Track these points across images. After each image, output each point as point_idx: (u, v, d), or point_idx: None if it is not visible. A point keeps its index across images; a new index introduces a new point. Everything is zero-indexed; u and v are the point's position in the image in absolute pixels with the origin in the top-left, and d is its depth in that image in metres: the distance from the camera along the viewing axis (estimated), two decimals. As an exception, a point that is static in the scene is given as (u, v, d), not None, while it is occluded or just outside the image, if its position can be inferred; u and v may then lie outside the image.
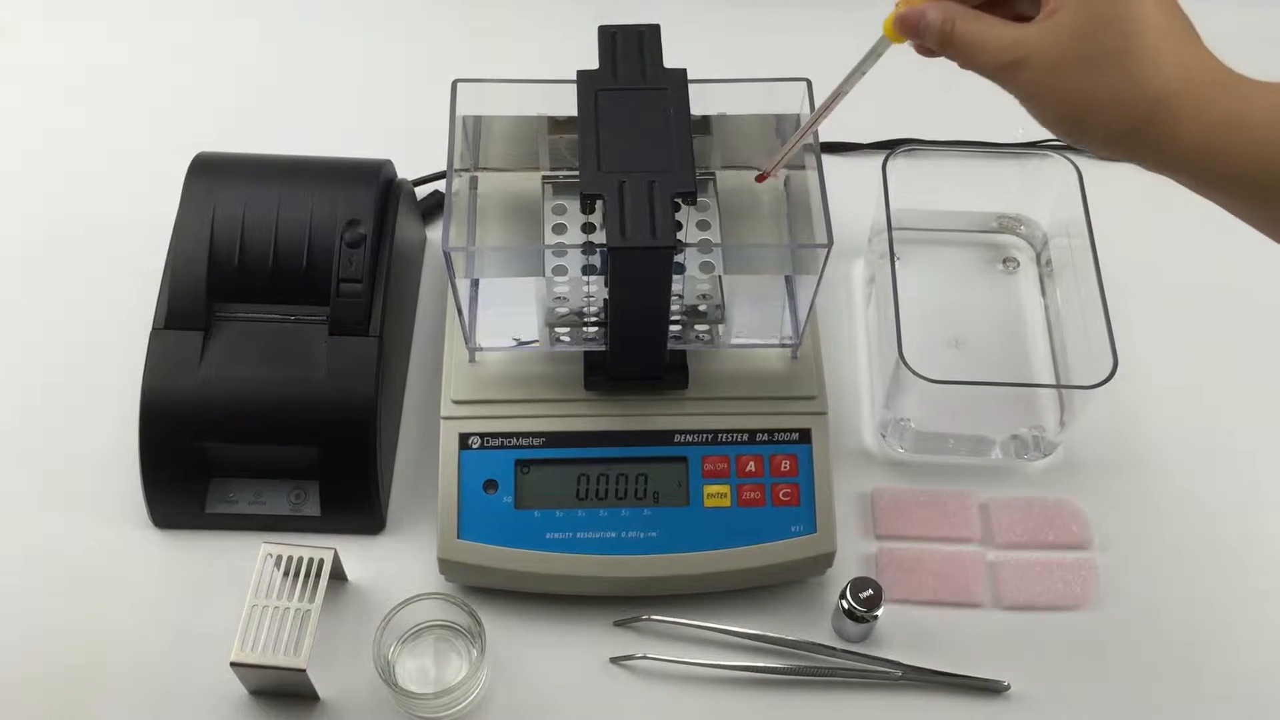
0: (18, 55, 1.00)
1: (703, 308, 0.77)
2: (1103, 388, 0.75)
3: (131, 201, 0.90)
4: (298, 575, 0.71)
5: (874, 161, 0.85)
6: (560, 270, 0.74)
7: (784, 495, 0.75)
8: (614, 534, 0.74)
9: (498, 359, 0.77)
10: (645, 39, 0.71)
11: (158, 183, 0.83)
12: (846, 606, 0.73)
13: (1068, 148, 0.94)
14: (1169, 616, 0.77)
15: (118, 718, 0.72)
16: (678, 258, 0.68)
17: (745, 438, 0.76)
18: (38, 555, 0.77)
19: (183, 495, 0.77)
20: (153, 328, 0.77)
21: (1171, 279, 0.90)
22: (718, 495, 0.75)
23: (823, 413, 0.77)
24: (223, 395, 0.75)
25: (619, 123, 0.68)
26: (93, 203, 0.92)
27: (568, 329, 0.77)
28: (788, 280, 0.78)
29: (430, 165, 0.91)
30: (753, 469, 0.75)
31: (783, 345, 0.78)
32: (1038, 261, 0.89)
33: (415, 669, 0.74)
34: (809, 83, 0.74)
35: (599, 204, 0.66)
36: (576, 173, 0.68)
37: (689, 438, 0.76)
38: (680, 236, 0.73)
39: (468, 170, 0.79)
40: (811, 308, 0.75)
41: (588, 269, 0.72)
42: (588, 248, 0.73)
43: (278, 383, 0.76)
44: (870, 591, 0.72)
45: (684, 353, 0.77)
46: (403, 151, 0.85)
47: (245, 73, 0.99)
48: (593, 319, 0.76)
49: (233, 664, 0.69)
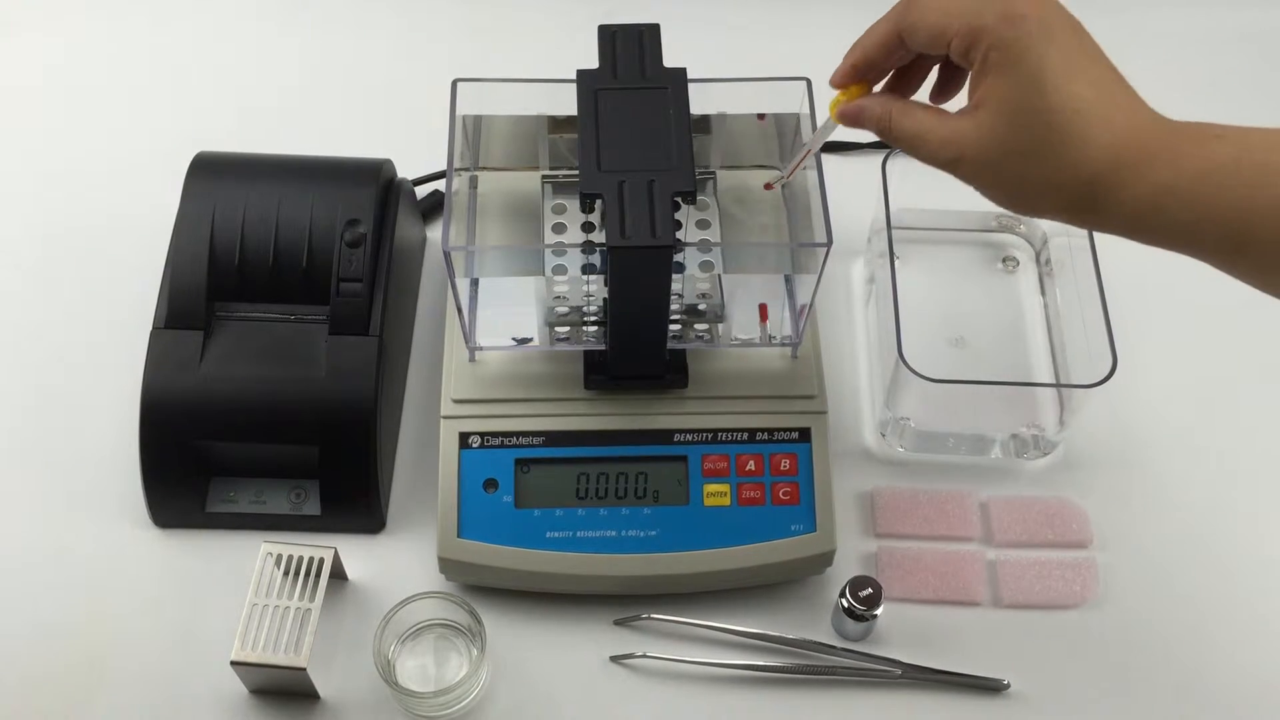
0: (18, 54, 1.00)
1: (702, 307, 0.77)
2: (1102, 387, 0.75)
3: (132, 201, 0.90)
4: (298, 574, 0.71)
5: (874, 161, 0.85)
6: (560, 269, 0.74)
7: (784, 494, 0.75)
8: (614, 533, 0.74)
9: (498, 358, 0.77)
10: (645, 38, 0.71)
11: (158, 182, 0.83)
12: (846, 605, 0.73)
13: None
14: (1168, 615, 0.77)
15: (118, 716, 0.72)
16: (677, 257, 0.68)
17: (745, 437, 0.76)
18: (38, 554, 0.77)
19: (183, 494, 0.77)
20: (153, 327, 0.77)
21: (1171, 278, 0.89)
22: (717, 494, 0.75)
23: (822, 412, 0.77)
24: (223, 395, 0.75)
25: (619, 122, 0.68)
26: (93, 202, 0.92)
27: (567, 328, 0.77)
28: (787, 279, 0.78)
29: (430, 165, 0.91)
30: (752, 468, 0.75)
31: (782, 344, 0.78)
32: (1037, 261, 0.89)
33: (415, 668, 0.74)
34: (809, 82, 0.74)
35: (599, 203, 0.66)
36: (576, 172, 0.68)
37: (689, 437, 0.76)
38: (680, 236, 0.73)
39: (467, 170, 0.79)
40: (811, 307, 0.75)
41: (587, 268, 0.72)
42: (587, 247, 0.73)
43: (278, 382, 0.76)
44: (870, 590, 0.73)
45: (684, 352, 0.77)
46: (402, 151, 0.86)
47: (245, 72, 0.99)
48: (592, 318, 0.76)
49: (233, 663, 0.69)
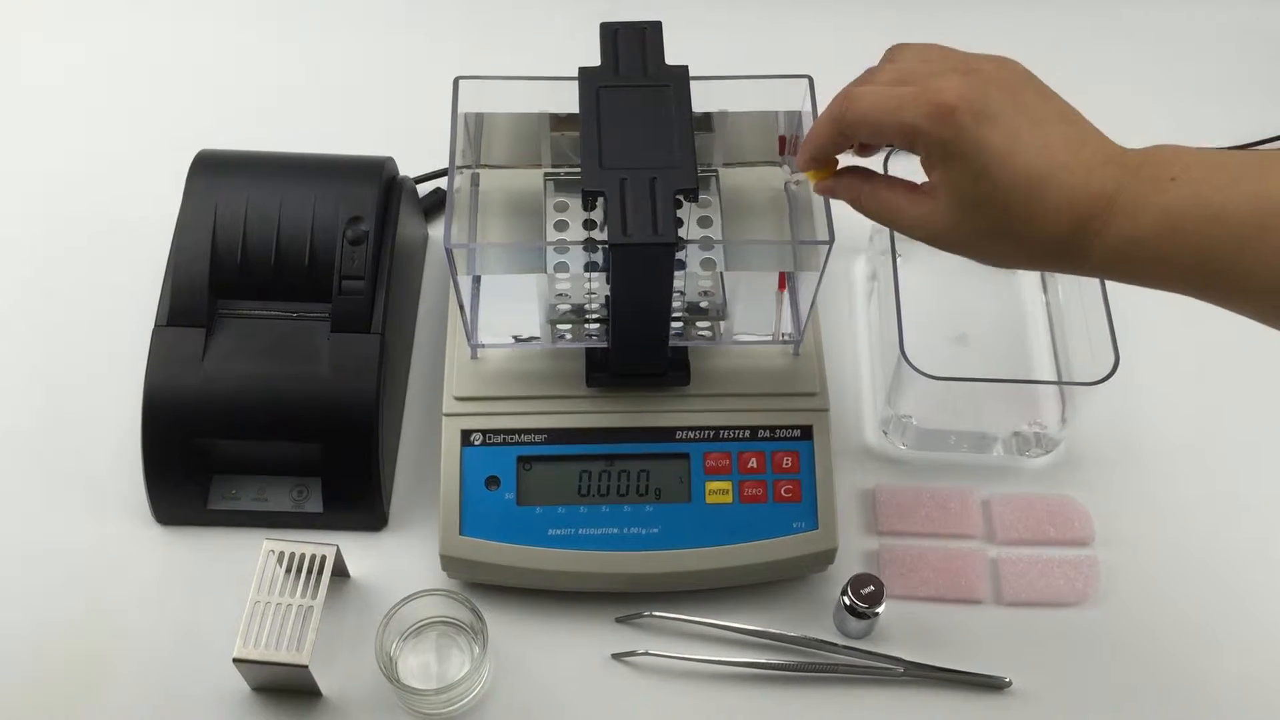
0: (20, 54, 1.00)
1: (704, 304, 0.77)
2: (1104, 384, 0.75)
3: (134, 199, 0.90)
4: (300, 572, 0.71)
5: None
6: (562, 267, 0.74)
7: (785, 492, 0.75)
8: (616, 530, 0.74)
9: (499, 356, 0.77)
10: (647, 36, 0.71)
11: (160, 180, 0.83)
12: (848, 603, 0.73)
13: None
14: (1170, 613, 0.77)
15: (120, 714, 0.72)
16: (679, 254, 0.68)
17: (747, 434, 0.76)
18: (40, 552, 0.77)
19: (185, 492, 0.77)
20: (155, 325, 0.77)
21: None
22: (719, 492, 0.75)
23: (824, 409, 0.77)
24: (225, 392, 0.75)
25: (621, 120, 0.68)
26: (95, 200, 0.92)
27: (569, 326, 0.77)
28: (789, 277, 0.78)
29: (432, 162, 0.91)
30: (754, 466, 0.75)
31: (784, 342, 0.78)
32: (1039, 258, 0.89)
33: (417, 665, 0.74)
34: (810, 80, 0.74)
35: (601, 201, 0.66)
36: (578, 169, 0.68)
37: (691, 434, 0.76)
38: (682, 233, 0.73)
39: (469, 167, 0.79)
40: (813, 304, 0.75)
41: (589, 266, 0.72)
42: (589, 244, 0.73)
43: (280, 379, 0.76)
44: (872, 588, 0.73)
45: (685, 349, 0.77)
46: (404, 149, 0.86)
47: (247, 70, 0.99)
48: (594, 316, 0.76)
49: (235, 660, 0.69)
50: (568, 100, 0.71)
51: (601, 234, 0.72)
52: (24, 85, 0.98)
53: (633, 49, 0.71)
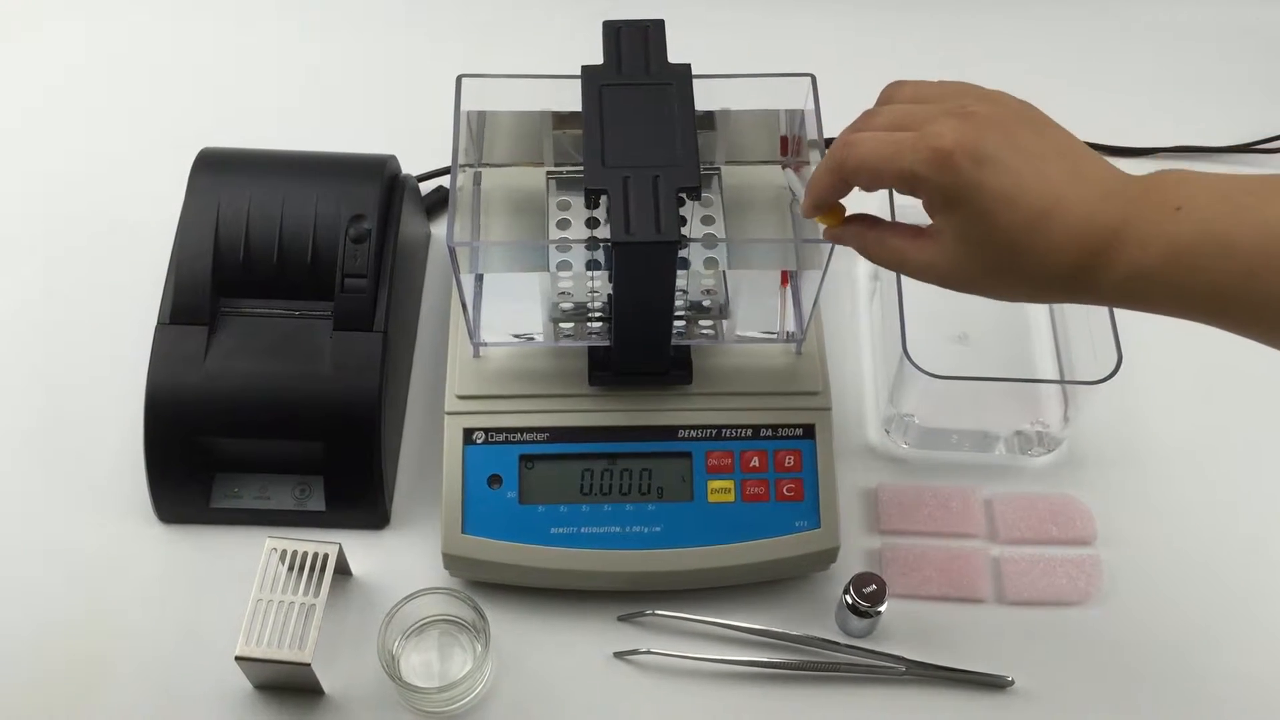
0: (23, 52, 1.00)
1: (707, 303, 0.77)
2: (1107, 383, 0.75)
3: (136, 198, 0.90)
4: (302, 570, 0.71)
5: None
6: (564, 265, 0.74)
7: (788, 491, 0.75)
8: (618, 529, 0.74)
9: (502, 354, 0.77)
10: (650, 34, 0.71)
11: (163, 178, 0.83)
12: (850, 602, 0.73)
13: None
14: (1173, 613, 0.77)
15: (123, 712, 0.72)
16: (682, 253, 0.68)
17: (749, 433, 0.76)
18: (43, 550, 0.77)
19: (187, 490, 0.77)
20: (158, 323, 0.77)
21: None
22: (722, 491, 0.75)
23: (826, 408, 0.77)
24: (227, 390, 0.75)
25: (623, 118, 0.68)
26: (97, 199, 0.92)
27: (572, 324, 0.77)
28: (792, 275, 0.78)
29: (434, 161, 0.91)
30: (757, 464, 0.75)
31: (787, 341, 0.78)
32: (1042, 257, 0.89)
33: (420, 663, 0.74)
34: (813, 78, 0.74)
35: (603, 199, 0.66)
36: (581, 168, 0.68)
37: (693, 433, 0.76)
38: (684, 232, 0.73)
39: (472, 166, 0.79)
40: (815, 303, 0.75)
41: (592, 264, 0.72)
42: (592, 243, 0.73)
43: (282, 378, 0.76)
44: (874, 587, 0.73)
45: (688, 348, 0.77)
46: (407, 147, 0.86)
47: (250, 69, 0.99)
48: (597, 314, 0.76)
49: (238, 658, 0.69)
50: (570, 98, 0.71)
51: (604, 232, 0.72)
52: (25, 84, 0.98)
53: (635, 47, 0.71)
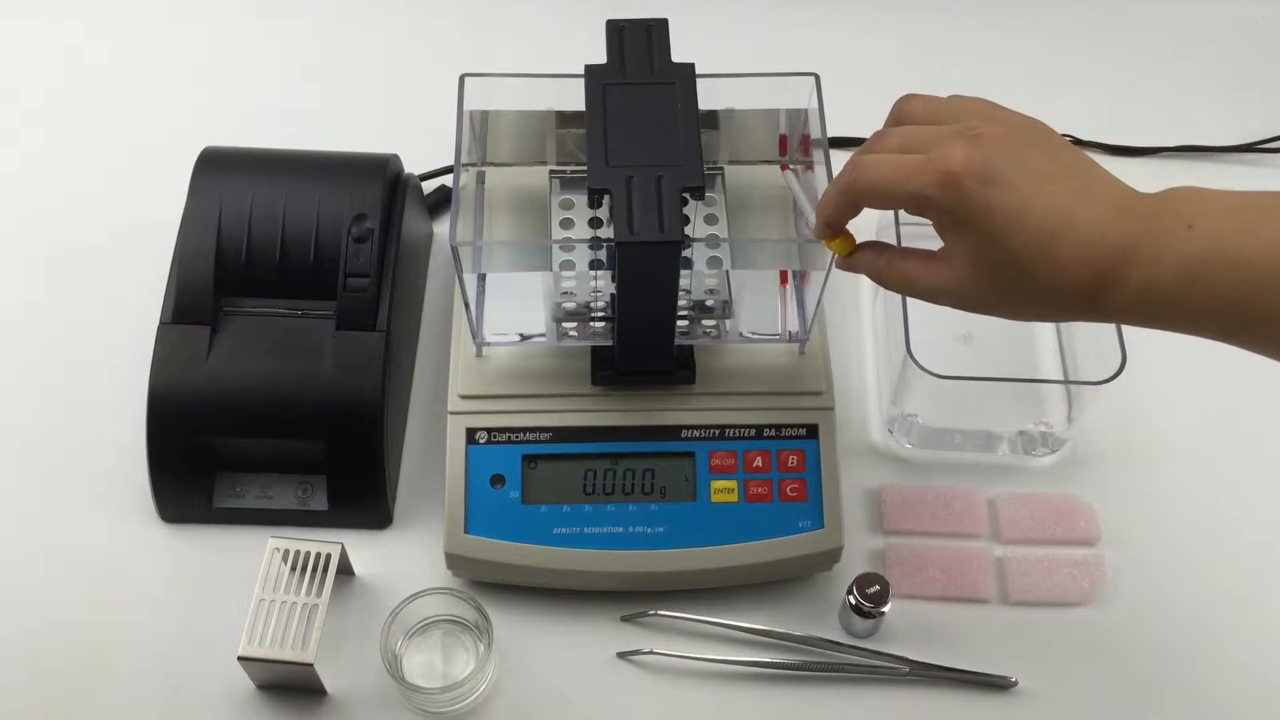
0: (25, 51, 1.00)
1: (710, 303, 0.77)
2: (1111, 383, 0.75)
3: (139, 197, 0.90)
4: (305, 570, 0.71)
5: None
6: (567, 265, 0.74)
7: (791, 491, 0.75)
8: (621, 529, 0.74)
9: (505, 354, 0.77)
10: (653, 33, 0.71)
11: (165, 178, 0.83)
12: (854, 602, 0.73)
13: (1075, 142, 0.94)
14: (1177, 613, 0.77)
15: (125, 712, 0.72)
16: (685, 252, 0.68)
17: (752, 433, 0.76)
18: (45, 549, 0.77)
19: (190, 490, 0.77)
20: (160, 322, 0.77)
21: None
22: (725, 490, 0.75)
23: (830, 408, 0.76)
24: (230, 390, 0.75)
25: (627, 117, 0.68)
26: (100, 198, 0.92)
27: (575, 324, 0.76)
28: (795, 275, 0.78)
29: (437, 160, 0.91)
30: (760, 464, 0.75)
31: (790, 340, 0.78)
32: (1045, 257, 0.89)
33: (422, 663, 0.74)
34: (817, 77, 0.74)
35: (606, 199, 0.66)
36: (584, 167, 0.68)
37: (696, 433, 0.76)
38: (688, 231, 0.73)
39: (475, 165, 0.79)
40: (819, 303, 0.75)
41: (595, 264, 0.72)
42: (595, 243, 0.73)
43: (285, 377, 0.76)
44: (877, 587, 0.72)
45: (691, 348, 0.77)
46: (409, 146, 0.85)
47: (252, 67, 0.99)
48: (600, 314, 0.76)
49: (240, 658, 0.69)
50: (573, 98, 0.71)
51: (607, 232, 0.72)
52: (26, 84, 0.98)
53: (639, 46, 0.71)
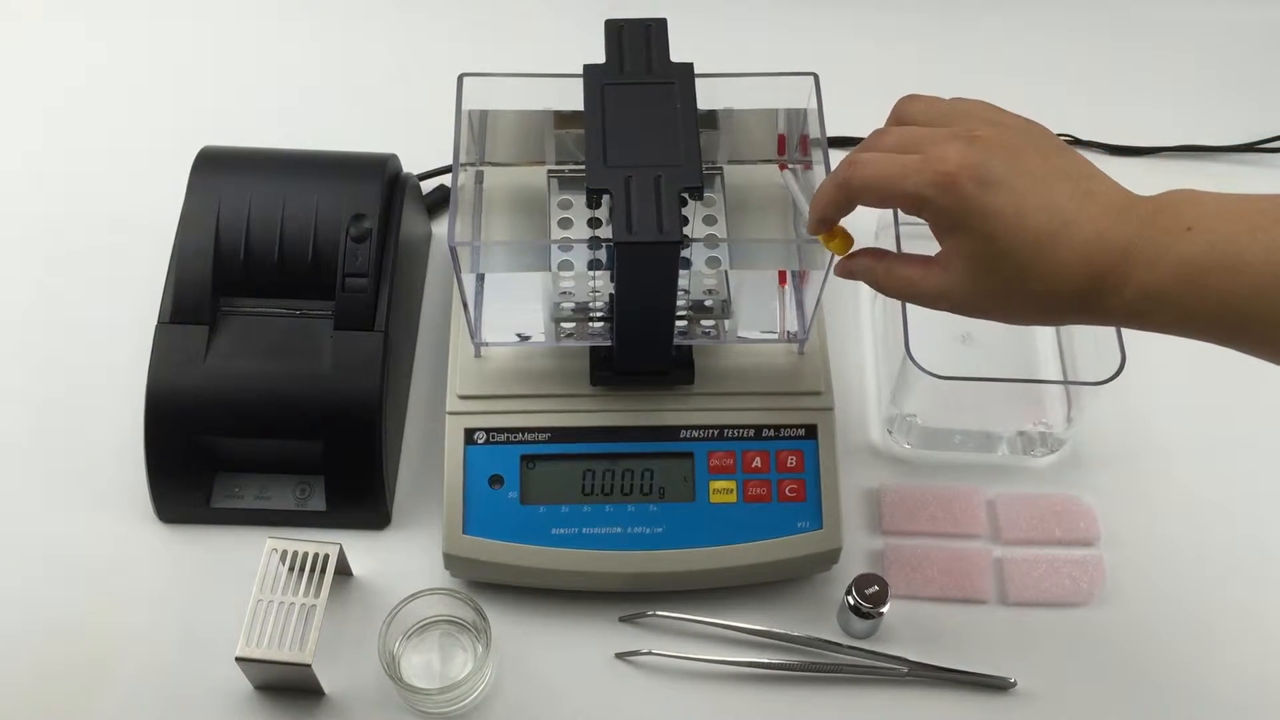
0: (23, 51, 1.00)
1: (709, 303, 0.77)
2: (1110, 384, 0.75)
3: (137, 196, 0.90)
4: (303, 570, 0.71)
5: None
6: (566, 265, 0.74)
7: (790, 491, 0.75)
8: (620, 529, 0.74)
9: (503, 354, 0.77)
10: (652, 33, 0.71)
11: (163, 177, 0.83)
12: (852, 602, 0.73)
13: (1075, 142, 0.94)
14: (1175, 613, 0.77)
15: (122, 713, 0.72)
16: (684, 253, 0.68)
17: (751, 433, 0.76)
18: (43, 549, 0.77)
19: (188, 490, 0.77)
20: (158, 322, 0.77)
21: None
22: (724, 491, 0.75)
23: (829, 408, 0.76)
24: (228, 390, 0.75)
25: (625, 117, 0.68)
26: (98, 197, 0.91)
27: (573, 324, 0.76)
28: (794, 275, 0.78)
29: (436, 160, 0.91)
30: (759, 465, 0.75)
31: (789, 340, 0.78)
32: (1045, 257, 0.89)
33: (420, 664, 0.74)
34: (816, 77, 0.74)
35: (605, 199, 0.66)
36: (583, 167, 0.68)
37: (695, 433, 0.75)
38: (687, 231, 0.73)
39: (473, 165, 0.79)
40: (818, 303, 0.74)
41: (594, 264, 0.72)
42: (594, 243, 0.73)
43: (283, 377, 0.76)
44: (876, 587, 0.72)
45: (690, 348, 0.77)
46: (408, 146, 0.85)
47: (250, 66, 0.99)
48: (599, 314, 0.76)
49: (238, 659, 0.69)
50: (572, 97, 0.71)
51: (606, 232, 0.72)
52: (27, 82, 0.98)
53: (637, 46, 0.71)
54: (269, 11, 1.02)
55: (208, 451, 0.77)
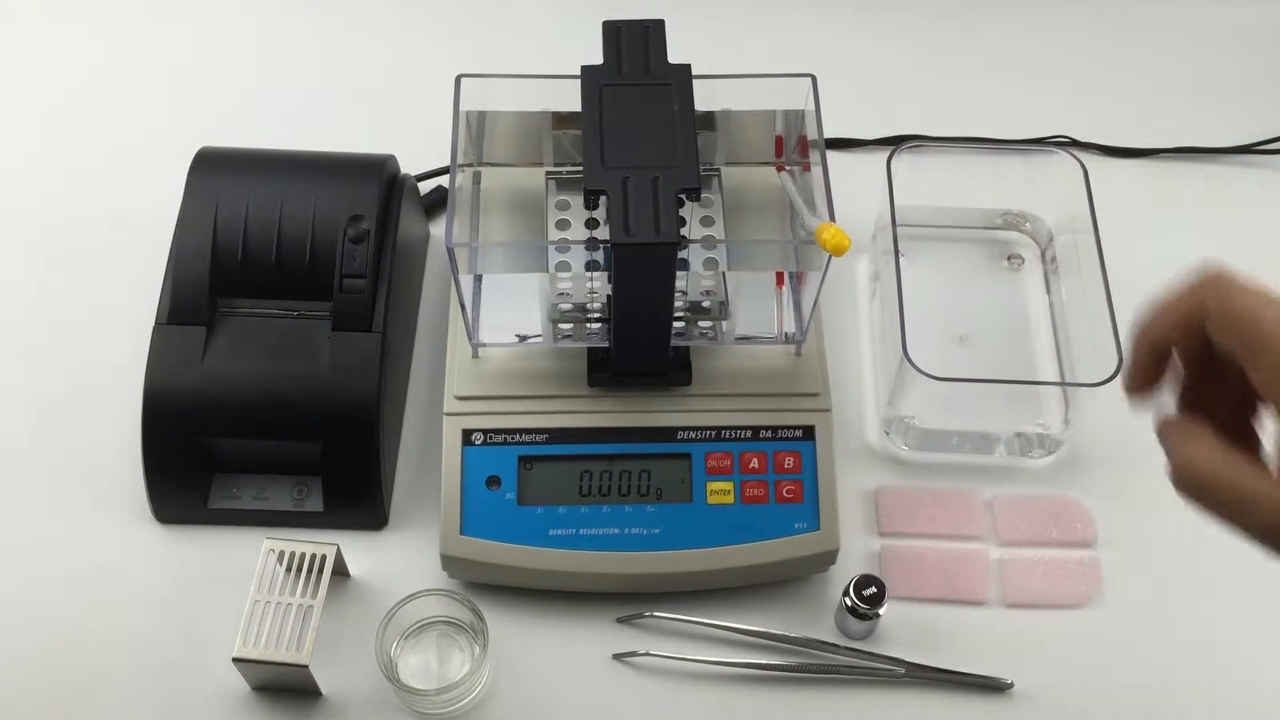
0: (22, 51, 1.00)
1: (706, 304, 0.77)
2: (1107, 385, 0.75)
3: (134, 197, 0.90)
4: (300, 571, 0.71)
5: (879, 157, 0.84)
6: (564, 266, 0.74)
7: (787, 492, 0.75)
8: (617, 530, 0.74)
9: (501, 355, 0.77)
10: (650, 34, 0.71)
11: (161, 178, 0.83)
12: (850, 604, 0.73)
13: (1073, 144, 0.94)
14: (1173, 615, 0.77)
15: (119, 713, 0.72)
16: (681, 254, 0.68)
17: (749, 434, 0.76)
18: (40, 550, 0.77)
19: (185, 490, 0.77)
20: (155, 323, 0.77)
21: (1177, 276, 0.89)
22: (721, 492, 0.75)
23: (826, 410, 0.76)
24: (226, 390, 0.75)
25: (623, 118, 0.68)
26: (96, 198, 0.91)
27: (571, 325, 0.76)
28: (792, 277, 0.78)
29: (434, 160, 0.91)
30: (756, 466, 0.75)
31: (786, 342, 0.78)
32: (1043, 258, 0.89)
33: (418, 665, 0.74)
34: (814, 79, 0.74)
35: (603, 200, 0.66)
36: (580, 168, 0.68)
37: (692, 434, 0.75)
38: (684, 233, 0.73)
39: (471, 165, 0.79)
40: (815, 304, 0.74)
41: (591, 265, 0.72)
42: (591, 244, 0.73)
43: (281, 378, 0.76)
44: (874, 589, 0.72)
45: (687, 349, 0.77)
46: (406, 146, 0.85)
47: (248, 67, 0.99)
48: (596, 315, 0.76)
49: (235, 660, 0.69)
50: (570, 98, 0.71)
51: (603, 233, 0.72)
52: (25, 82, 0.98)
53: (635, 47, 0.71)
54: (269, 12, 1.02)
55: (205, 452, 0.77)
